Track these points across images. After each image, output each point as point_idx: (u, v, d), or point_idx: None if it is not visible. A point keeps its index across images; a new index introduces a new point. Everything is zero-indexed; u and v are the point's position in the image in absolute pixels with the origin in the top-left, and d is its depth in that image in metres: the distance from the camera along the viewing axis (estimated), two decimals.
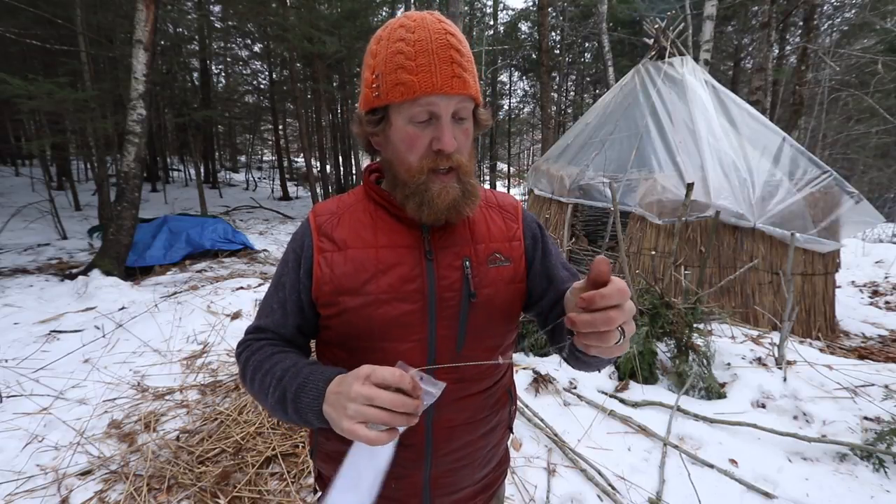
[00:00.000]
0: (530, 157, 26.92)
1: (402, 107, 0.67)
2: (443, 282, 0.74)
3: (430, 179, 0.69)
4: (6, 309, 4.30)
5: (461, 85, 0.66)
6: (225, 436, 2.31)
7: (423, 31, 0.66)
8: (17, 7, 6.38)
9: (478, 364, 0.77)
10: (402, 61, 0.65)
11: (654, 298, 2.99)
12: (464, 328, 0.75)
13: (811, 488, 2.01)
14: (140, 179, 5.87)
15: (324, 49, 9.60)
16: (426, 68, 0.65)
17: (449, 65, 0.65)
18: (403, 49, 0.66)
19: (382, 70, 0.68)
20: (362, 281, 0.72)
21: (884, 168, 12.47)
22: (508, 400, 0.90)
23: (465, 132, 0.71)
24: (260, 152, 27.79)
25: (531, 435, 2.34)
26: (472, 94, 0.68)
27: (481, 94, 0.76)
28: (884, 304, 5.65)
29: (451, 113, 0.68)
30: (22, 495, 1.94)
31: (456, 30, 0.69)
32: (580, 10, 15.94)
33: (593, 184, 5.24)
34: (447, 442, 0.79)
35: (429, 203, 0.69)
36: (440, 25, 0.68)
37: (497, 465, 0.92)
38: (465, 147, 0.71)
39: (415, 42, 0.66)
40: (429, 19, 0.68)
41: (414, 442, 0.77)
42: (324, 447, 0.85)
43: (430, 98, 0.65)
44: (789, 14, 11.67)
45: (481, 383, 0.81)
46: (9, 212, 8.08)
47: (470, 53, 0.70)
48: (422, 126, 0.68)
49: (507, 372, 0.90)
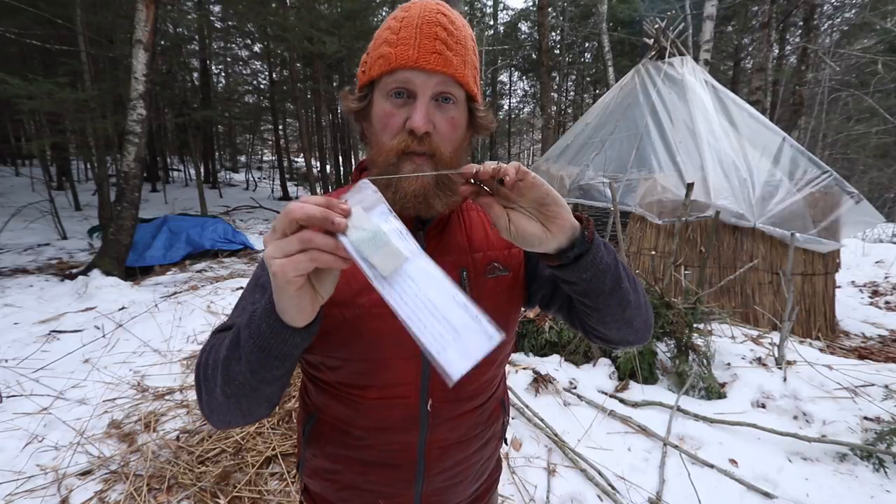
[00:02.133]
0: (530, 157, 26.92)
1: (382, 82, 0.64)
2: None
3: (401, 162, 0.63)
4: (6, 309, 4.30)
5: (441, 62, 0.61)
6: (225, 436, 2.31)
7: (416, 9, 0.64)
8: (17, 7, 6.37)
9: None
10: (388, 35, 0.64)
11: (654, 298, 2.99)
12: None
13: (811, 488, 2.01)
14: (140, 179, 5.86)
15: (324, 49, 9.59)
16: (406, 41, 0.62)
17: (431, 40, 0.61)
18: (392, 25, 0.64)
19: (371, 47, 0.66)
20: (354, 291, 0.67)
21: (884, 168, 12.46)
22: (501, 412, 0.87)
23: (450, 121, 0.64)
24: (260, 152, 27.79)
25: (531, 435, 2.34)
26: (454, 75, 0.62)
27: (482, 95, 0.71)
28: (884, 304, 5.65)
29: (433, 94, 0.63)
30: (22, 495, 1.94)
31: (455, 15, 0.65)
32: (580, 10, 15.96)
33: (593, 184, 5.24)
34: (440, 461, 0.76)
35: (395, 186, 0.62)
36: (436, 6, 0.64)
37: (489, 475, 0.90)
38: (447, 136, 0.64)
39: (403, 18, 0.64)
40: (429, 3, 0.65)
41: (404, 462, 0.74)
42: (311, 462, 0.80)
43: (406, 72, 0.61)
44: (789, 14, 11.67)
45: (475, 400, 0.77)
46: (9, 212, 8.08)
47: (465, 38, 0.65)
48: (398, 104, 0.63)
49: (501, 384, 0.87)
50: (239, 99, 17.40)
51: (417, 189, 0.62)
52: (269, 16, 9.65)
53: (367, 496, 0.76)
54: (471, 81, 0.66)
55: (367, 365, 0.69)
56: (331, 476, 0.78)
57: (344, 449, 0.75)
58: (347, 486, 0.77)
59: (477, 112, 0.69)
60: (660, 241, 4.61)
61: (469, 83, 0.65)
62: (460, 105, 0.66)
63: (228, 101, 16.50)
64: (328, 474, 0.78)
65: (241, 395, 0.57)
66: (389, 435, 0.73)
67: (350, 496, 0.78)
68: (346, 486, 0.77)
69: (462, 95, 0.66)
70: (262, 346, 0.52)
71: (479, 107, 0.69)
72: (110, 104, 8.72)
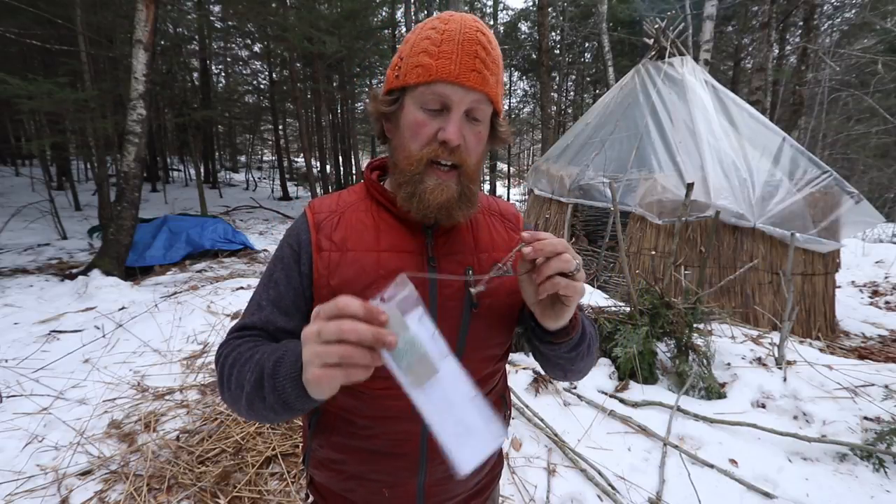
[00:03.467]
0: (530, 157, 26.92)
1: (417, 91, 0.66)
2: (445, 290, 0.71)
3: (427, 171, 0.66)
4: (6, 309, 4.30)
5: (479, 80, 0.64)
6: (225, 436, 2.31)
7: (456, 24, 0.66)
8: (17, 7, 6.37)
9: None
10: (427, 46, 0.65)
11: (654, 298, 2.99)
12: (464, 338, 0.73)
13: (811, 488, 2.01)
14: (140, 179, 5.86)
15: (324, 49, 9.59)
16: (447, 55, 0.64)
17: (472, 58, 0.64)
18: (431, 36, 0.66)
19: (407, 53, 0.68)
20: (363, 285, 0.69)
21: (884, 168, 12.46)
22: (503, 405, 0.88)
23: (477, 135, 0.68)
24: (260, 152, 27.79)
25: (531, 435, 2.34)
26: (489, 94, 0.66)
27: (503, 110, 0.74)
28: (884, 304, 5.65)
29: (466, 110, 0.66)
30: (22, 495, 1.94)
31: (491, 35, 0.69)
32: (580, 10, 15.96)
33: (593, 184, 5.24)
34: (441, 451, 0.77)
35: (420, 196, 0.66)
36: (475, 24, 0.67)
37: (491, 468, 0.91)
38: (473, 149, 0.68)
39: (443, 31, 0.66)
40: (467, 18, 0.67)
41: (408, 451, 0.76)
42: (317, 454, 0.82)
43: (444, 86, 0.64)
44: (789, 14, 11.67)
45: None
46: (9, 212, 8.08)
47: (499, 60, 0.69)
48: (431, 115, 0.66)
49: (502, 378, 0.88)
50: (239, 99, 17.41)
51: (443, 201, 0.66)
52: (269, 16, 9.65)
53: (372, 486, 0.78)
54: (500, 100, 0.70)
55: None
56: (337, 466, 0.79)
57: (349, 439, 0.77)
58: (353, 475, 0.79)
59: (499, 127, 0.73)
60: (660, 241, 4.61)
61: (499, 102, 0.69)
62: (486, 120, 0.70)
63: (228, 101, 16.52)
64: (334, 464, 0.80)
65: (263, 419, 0.63)
66: (394, 424, 0.74)
67: (355, 486, 0.79)
68: (352, 476, 0.79)
69: (490, 112, 0.69)
70: (285, 402, 0.56)
71: (502, 122, 0.73)
72: (110, 104, 8.71)
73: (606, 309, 3.26)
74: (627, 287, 3.08)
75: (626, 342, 2.77)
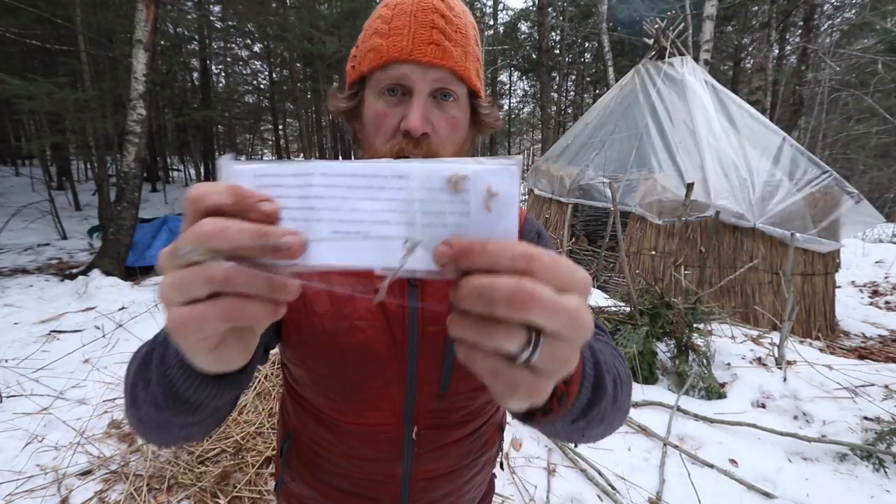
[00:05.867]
0: (530, 157, 26.93)
1: (373, 78, 0.57)
2: (427, 313, 0.60)
3: None
4: (6, 309, 4.30)
5: (439, 53, 0.54)
6: (225, 436, 2.31)
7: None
8: (17, 7, 6.37)
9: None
10: (378, 25, 0.56)
11: (654, 298, 2.99)
12: (450, 366, 0.61)
13: (811, 488, 2.01)
14: (140, 179, 5.86)
15: (324, 49, 9.60)
16: (399, 31, 0.54)
17: (427, 29, 0.54)
18: (383, 14, 0.57)
19: (361, 39, 0.59)
20: (337, 300, 0.60)
21: (884, 168, 12.47)
22: (499, 437, 0.78)
23: (449, 120, 0.57)
24: (260, 152, 27.79)
25: (531, 435, 2.34)
26: (455, 69, 0.55)
27: (483, 89, 0.63)
28: (884, 304, 5.65)
29: (430, 91, 0.56)
30: (22, 495, 1.94)
31: (454, 2, 0.58)
32: (580, 10, 15.97)
33: (593, 184, 5.24)
34: (426, 493, 0.68)
35: None
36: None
37: (482, 499, 0.82)
38: (447, 137, 0.57)
39: (396, 5, 0.56)
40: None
41: (387, 494, 0.66)
42: (289, 487, 0.74)
43: (399, 66, 0.54)
44: (789, 14, 11.66)
45: (466, 427, 0.67)
46: (9, 212, 8.07)
47: (466, 27, 0.58)
48: (392, 102, 0.56)
49: (498, 408, 0.76)
50: (239, 99, 17.42)
51: None
52: (269, 16, 9.64)
53: None
54: (473, 75, 0.59)
55: (345, 383, 0.61)
56: (308, 503, 0.72)
57: (321, 474, 0.68)
58: None
59: (480, 109, 0.62)
60: (660, 241, 4.61)
61: (471, 77, 0.58)
62: (461, 102, 0.59)
63: (228, 101, 16.51)
64: (305, 500, 0.72)
65: (148, 425, 0.44)
66: (369, 465, 0.65)
67: None
68: None
69: (463, 91, 0.59)
70: (169, 383, 0.40)
71: (483, 103, 0.62)
72: (110, 104, 8.72)
73: (606, 309, 3.26)
74: (627, 287, 3.08)
75: (626, 342, 2.77)
